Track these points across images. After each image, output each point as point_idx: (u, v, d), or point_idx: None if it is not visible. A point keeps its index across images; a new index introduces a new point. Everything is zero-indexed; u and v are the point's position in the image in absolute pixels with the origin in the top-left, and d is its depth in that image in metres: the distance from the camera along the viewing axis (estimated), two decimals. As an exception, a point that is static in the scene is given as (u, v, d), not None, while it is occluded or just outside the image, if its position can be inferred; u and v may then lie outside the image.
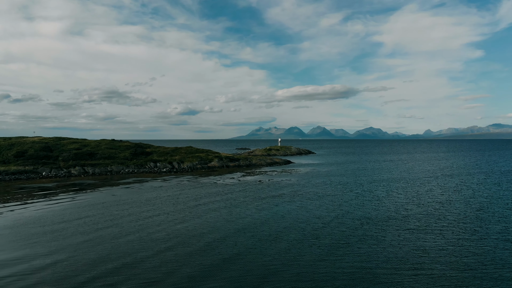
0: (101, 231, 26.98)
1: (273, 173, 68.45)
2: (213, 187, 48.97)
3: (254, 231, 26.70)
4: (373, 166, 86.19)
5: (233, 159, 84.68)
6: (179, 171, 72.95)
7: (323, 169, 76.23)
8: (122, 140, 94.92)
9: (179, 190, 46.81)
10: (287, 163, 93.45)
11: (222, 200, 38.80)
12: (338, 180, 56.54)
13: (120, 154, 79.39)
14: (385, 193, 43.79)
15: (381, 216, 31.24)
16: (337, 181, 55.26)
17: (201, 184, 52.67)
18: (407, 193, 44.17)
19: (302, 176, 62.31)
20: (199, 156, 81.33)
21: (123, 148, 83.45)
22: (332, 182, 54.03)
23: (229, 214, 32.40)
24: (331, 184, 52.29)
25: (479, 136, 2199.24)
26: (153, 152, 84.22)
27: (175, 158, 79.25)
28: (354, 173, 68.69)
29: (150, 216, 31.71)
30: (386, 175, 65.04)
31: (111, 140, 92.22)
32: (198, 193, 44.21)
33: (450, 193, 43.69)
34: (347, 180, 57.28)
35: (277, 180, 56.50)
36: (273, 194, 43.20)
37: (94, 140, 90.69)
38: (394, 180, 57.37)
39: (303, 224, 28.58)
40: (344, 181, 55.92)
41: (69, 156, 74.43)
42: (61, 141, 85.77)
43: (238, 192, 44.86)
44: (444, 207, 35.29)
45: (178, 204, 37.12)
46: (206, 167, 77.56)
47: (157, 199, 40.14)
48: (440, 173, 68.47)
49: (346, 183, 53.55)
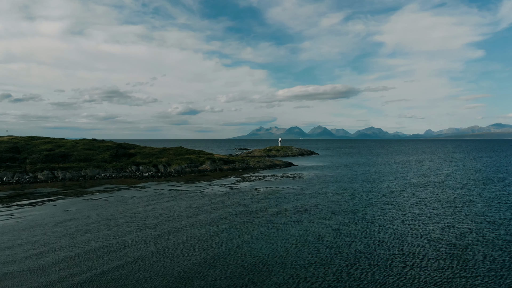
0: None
1: (273, 178, 58.77)
2: (198, 199, 39.29)
3: (247, 280, 17.05)
4: (385, 169, 76.48)
5: (228, 161, 75.02)
6: (165, 175, 63.26)
7: (330, 173, 66.55)
8: (105, 140, 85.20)
9: (154, 203, 37.13)
10: (288, 165, 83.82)
11: (204, 222, 29.03)
12: (351, 188, 46.87)
13: (99, 156, 69.68)
14: (416, 208, 34.08)
15: (427, 249, 21.53)
16: (350, 190, 45.59)
17: (184, 194, 42.99)
18: (443, 207, 34.45)
19: (307, 183, 52.64)
20: (189, 158, 71.64)
21: (103, 149, 73.74)
22: (345, 191, 44.37)
23: (211, 249, 22.65)
24: (344, 194, 42.62)
25: (480, 136, 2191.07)
26: (137, 154, 74.50)
27: (161, 161, 69.56)
28: (366, 178, 59.00)
29: (91, 252, 21.97)
30: (405, 181, 55.34)
31: (92, 139, 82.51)
32: (176, 208, 34.52)
33: (496, 206, 33.96)
34: (362, 188, 47.61)
35: (277, 188, 46.84)
36: (273, 210, 33.51)
37: (72, 140, 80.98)
38: (417, 187, 47.70)
39: (318, 268, 18.88)
40: (358, 189, 46.26)
41: (39, 158, 64.69)
42: (33, 141, 76.03)
43: (228, 206, 35.17)
44: (503, 228, 25.60)
45: (143, 229, 27.33)
46: (196, 171, 67.86)
47: (118, 218, 30.41)
48: (466, 178, 58.74)
49: (361, 192, 43.88)
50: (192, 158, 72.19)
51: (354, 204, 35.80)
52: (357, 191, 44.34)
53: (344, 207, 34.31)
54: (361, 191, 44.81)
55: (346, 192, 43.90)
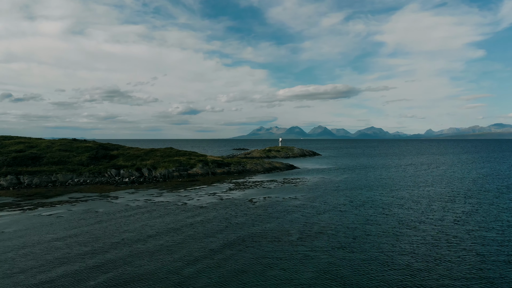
0: None
1: (272, 184, 50.62)
2: (177, 214, 31.14)
3: None
4: (398, 173, 68.32)
5: (222, 164, 66.87)
6: (149, 180, 55.09)
7: (338, 178, 58.40)
8: (87, 140, 77.06)
9: (121, 220, 29.00)
10: (289, 168, 75.66)
11: (171, 264, 20.89)
12: (368, 199, 38.72)
13: (75, 158, 61.52)
14: (460, 228, 25.92)
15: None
16: (367, 201, 37.45)
17: (162, 207, 34.82)
18: (492, 226, 26.30)
19: (313, 190, 44.51)
20: (178, 161, 63.48)
21: (81, 150, 65.62)
22: (361, 203, 36.22)
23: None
24: (361, 207, 34.46)
25: (480, 136, 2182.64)
26: (120, 156, 66.35)
27: (146, 163, 61.40)
28: (381, 184, 50.84)
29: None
30: (427, 188, 47.20)
31: (72, 139, 74.39)
32: (147, 229, 26.39)
33: None
34: (380, 198, 39.46)
35: (277, 199, 38.70)
36: (273, 234, 25.32)
37: (49, 140, 72.86)
38: (446, 197, 39.56)
39: None
40: (376, 199, 38.12)
41: (5, 160, 56.53)
42: (4, 141, 67.96)
43: (213, 227, 27.04)
44: None
45: (83, 274, 19.21)
46: (186, 175, 59.69)
47: (58, 249, 22.27)
48: (496, 184, 50.57)
49: (382, 204, 35.73)
50: (182, 160, 64.04)
51: (378, 223, 27.66)
52: (376, 203, 36.18)
53: (367, 228, 26.15)
54: (380, 202, 36.64)
55: (362, 204, 35.73)
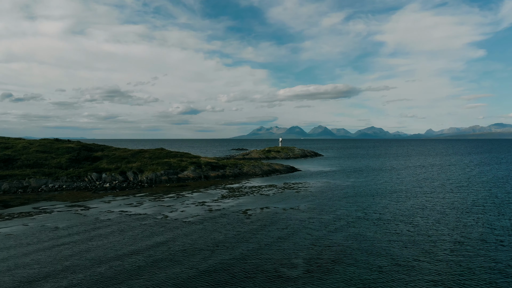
0: None
1: (271, 190, 44.79)
2: (151, 233, 25.30)
3: None
4: (410, 176, 62.44)
5: (216, 167, 61.03)
6: (133, 185, 49.24)
7: (344, 183, 52.54)
8: (70, 140, 71.24)
9: (75, 243, 23.18)
10: (290, 170, 69.82)
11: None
12: (384, 209, 32.84)
13: (53, 160, 55.73)
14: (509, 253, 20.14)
15: None
16: (383, 212, 31.59)
17: (138, 221, 28.98)
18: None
19: (318, 199, 38.68)
20: (167, 163, 57.64)
21: (61, 151, 59.82)
22: (378, 215, 30.35)
23: None
24: (378, 221, 28.60)
25: (481, 135, 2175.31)
26: (104, 157, 60.54)
27: (131, 166, 55.58)
28: (394, 190, 44.99)
29: None
30: (449, 195, 41.35)
31: (54, 140, 68.58)
32: (107, 253, 20.58)
33: None
34: (397, 207, 33.59)
35: (276, 211, 32.86)
36: (272, 263, 19.49)
37: (28, 140, 67.05)
38: (474, 207, 33.69)
39: None
40: (393, 210, 32.26)
41: (-26, 163, 50.85)
42: (-23, 142, 62.21)
43: (193, 252, 21.20)
44: None
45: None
46: (175, 179, 53.85)
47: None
48: (525, 190, 44.77)
49: (400, 216, 29.88)
50: (172, 162, 58.21)
51: (404, 245, 21.79)
52: (395, 215, 30.30)
53: (393, 253, 20.30)
54: (400, 214, 30.75)
55: (379, 217, 29.85)
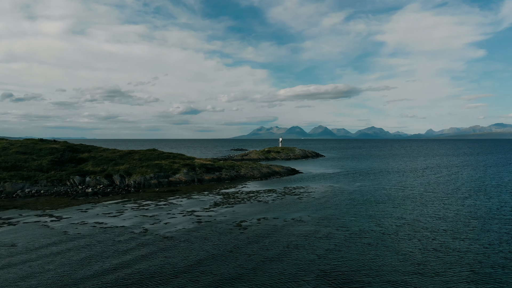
0: None
1: (270, 196, 40.43)
2: (125, 253, 20.90)
3: None
4: (418, 179, 58.09)
5: (212, 169, 56.68)
6: (118, 190, 44.86)
7: (350, 187, 48.18)
8: (56, 140, 66.89)
9: (32, 264, 18.86)
10: (291, 173, 65.47)
11: None
12: (398, 220, 28.46)
13: (34, 162, 51.41)
14: None
15: None
16: (399, 224, 27.22)
17: (113, 235, 24.61)
18: None
19: (323, 207, 34.33)
20: (158, 165, 53.29)
21: (44, 152, 55.48)
22: (393, 229, 25.99)
23: None
24: (394, 235, 24.24)
25: (481, 135, 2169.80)
26: (90, 159, 56.20)
27: (119, 169, 51.24)
28: (406, 196, 40.61)
29: None
30: (467, 202, 36.93)
31: (38, 140, 64.26)
32: (60, 281, 16.24)
33: None
34: (412, 217, 29.23)
35: (276, 223, 28.50)
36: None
37: (9, 140, 62.65)
38: (498, 214, 29.36)
39: None
40: (410, 221, 27.88)
41: None
42: (-46, 142, 57.90)
43: (171, 278, 16.88)
44: None
45: None
46: (166, 183, 49.52)
47: None
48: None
49: (419, 229, 25.50)
50: (163, 165, 53.85)
51: (432, 268, 17.46)
52: (414, 227, 25.90)
53: (419, 284, 15.97)
54: (418, 226, 26.35)
55: (396, 230, 25.42)
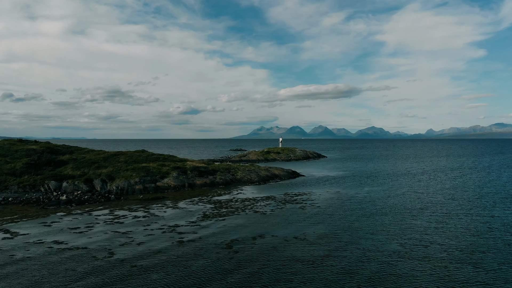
0: None
1: (268, 206, 35.36)
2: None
3: None
4: (431, 183, 53.04)
5: (205, 172, 51.61)
6: (98, 197, 39.78)
7: (359, 193, 43.11)
8: (37, 141, 61.82)
9: None
10: (291, 176, 60.40)
11: None
12: (423, 236, 23.40)
13: (7, 165, 46.39)
14: None
15: None
16: (428, 243, 22.13)
17: (67, 261, 19.54)
18: None
19: (330, 221, 29.27)
20: (145, 168, 48.26)
21: (20, 154, 50.47)
22: (423, 253, 20.94)
23: None
24: (426, 261, 19.20)
25: (481, 135, 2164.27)
26: (71, 161, 51.16)
27: (101, 172, 46.22)
28: (425, 205, 35.54)
29: None
30: (496, 211, 31.96)
31: (17, 140, 59.22)
32: None
33: None
34: (443, 234, 24.15)
35: (275, 244, 23.42)
36: None
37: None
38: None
39: None
40: (443, 241, 22.85)
41: None
42: None
43: None
44: None
45: None
46: (152, 188, 44.48)
47: None
48: None
49: (454, 249, 20.51)
50: (151, 168, 48.81)
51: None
52: (445, 247, 20.85)
53: None
54: (449, 245, 21.30)
55: (427, 254, 20.39)
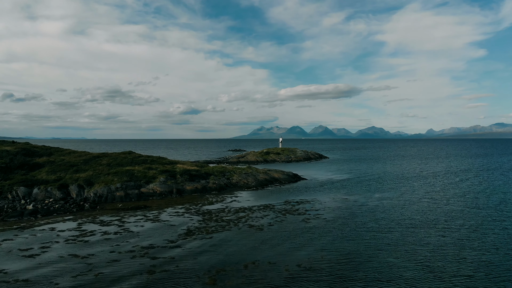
0: None
1: (265, 217, 30.24)
2: None
3: None
4: (449, 187, 47.95)
5: (197, 176, 46.51)
6: (71, 206, 34.63)
7: (369, 201, 37.97)
8: (16, 142, 56.67)
9: None
10: (292, 179, 55.26)
11: None
12: (468, 266, 18.39)
13: (-27, 168, 41.32)
14: None
15: None
16: (471, 271, 17.13)
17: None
18: None
19: (340, 239, 24.15)
20: (129, 172, 43.15)
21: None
22: (464, 279, 15.89)
23: None
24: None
25: (482, 135, 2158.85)
26: (47, 164, 46.07)
27: (78, 177, 41.12)
28: (450, 215, 30.43)
29: None
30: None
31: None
32: None
33: None
34: (483, 260, 19.19)
35: (271, 274, 18.32)
36: None
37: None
38: None
39: None
40: (482, 266, 17.90)
41: None
42: None
43: None
44: None
45: None
46: (135, 195, 39.37)
47: None
48: None
49: None
50: (135, 171, 43.70)
51: None
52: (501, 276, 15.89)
53: None
54: (502, 272, 16.31)
55: None
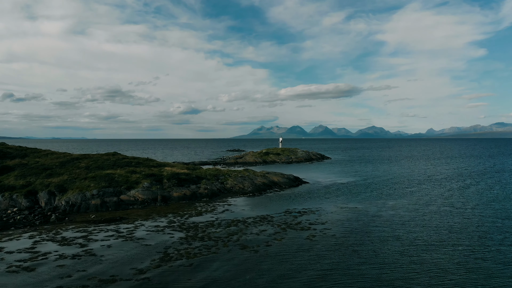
0: None
1: (262, 234, 25.12)
2: None
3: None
4: (464, 192, 42.89)
5: (186, 180, 41.43)
6: (35, 218, 29.60)
7: (382, 210, 32.91)
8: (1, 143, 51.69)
9: None
10: (293, 183, 50.19)
11: None
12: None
13: None
14: None
15: None
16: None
17: None
18: None
19: (355, 263, 19.07)
20: (108, 176, 38.06)
21: (-46, 158, 40.37)
22: None
23: None
24: None
25: (482, 135, 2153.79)
26: (18, 167, 41.01)
27: (50, 182, 36.09)
28: (481, 228, 25.40)
29: None
30: None
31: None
32: None
33: None
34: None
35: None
36: None
37: None
38: None
39: None
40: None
41: None
42: None
43: None
44: None
45: None
46: (114, 203, 34.31)
47: None
48: None
49: None
50: (116, 176, 38.62)
51: None
52: None
53: None
54: None
55: None
